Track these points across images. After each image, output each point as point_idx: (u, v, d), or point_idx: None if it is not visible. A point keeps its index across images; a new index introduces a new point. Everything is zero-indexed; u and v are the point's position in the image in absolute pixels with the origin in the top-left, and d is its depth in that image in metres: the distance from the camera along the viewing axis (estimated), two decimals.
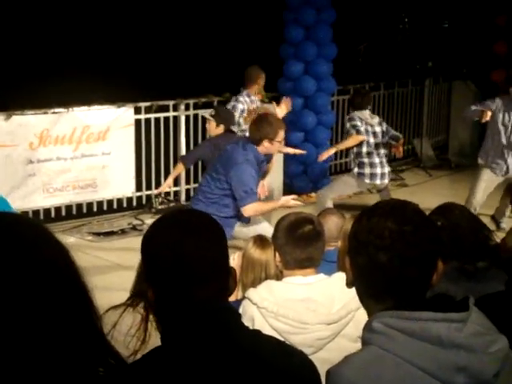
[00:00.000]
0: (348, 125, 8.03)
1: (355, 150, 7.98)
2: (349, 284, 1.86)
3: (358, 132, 7.87)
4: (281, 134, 5.87)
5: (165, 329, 1.72)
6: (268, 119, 5.97)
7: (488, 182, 7.87)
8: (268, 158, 6.21)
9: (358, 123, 7.89)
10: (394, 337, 1.65)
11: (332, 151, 8.48)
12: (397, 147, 8.00)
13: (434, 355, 1.62)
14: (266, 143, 5.77)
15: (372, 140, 7.94)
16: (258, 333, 1.75)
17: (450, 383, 1.63)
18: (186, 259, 1.68)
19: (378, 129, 8.02)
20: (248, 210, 5.68)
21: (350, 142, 8.08)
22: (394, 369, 1.63)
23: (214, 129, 7.04)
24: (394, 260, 1.70)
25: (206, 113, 7.57)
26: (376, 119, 8.10)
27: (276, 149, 6.03)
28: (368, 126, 7.94)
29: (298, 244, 3.05)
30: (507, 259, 3.36)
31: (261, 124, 5.87)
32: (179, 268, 1.68)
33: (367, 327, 1.72)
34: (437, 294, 1.75)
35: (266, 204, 6.03)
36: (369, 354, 1.68)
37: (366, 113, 8.07)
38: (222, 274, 1.74)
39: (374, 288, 1.76)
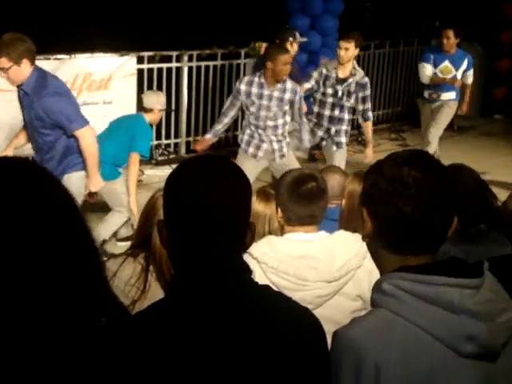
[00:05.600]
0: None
1: (346, 117, 7.26)
2: (365, 236, 1.84)
3: None
4: None
5: (175, 276, 1.67)
6: None
7: None
8: None
9: None
10: (405, 300, 1.64)
11: None
12: None
13: (445, 321, 1.61)
14: None
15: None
16: (267, 288, 1.71)
17: (459, 350, 1.62)
18: (208, 207, 1.60)
19: None
20: None
21: None
22: (403, 334, 1.62)
23: None
24: (419, 207, 1.69)
25: None
26: None
27: None
28: None
29: (301, 201, 3.00)
30: (508, 223, 3.35)
31: None
32: (199, 215, 1.60)
33: (377, 288, 1.71)
34: (450, 258, 1.73)
35: None
36: (378, 318, 1.67)
37: None
38: (243, 227, 1.67)
39: (394, 237, 1.74)
